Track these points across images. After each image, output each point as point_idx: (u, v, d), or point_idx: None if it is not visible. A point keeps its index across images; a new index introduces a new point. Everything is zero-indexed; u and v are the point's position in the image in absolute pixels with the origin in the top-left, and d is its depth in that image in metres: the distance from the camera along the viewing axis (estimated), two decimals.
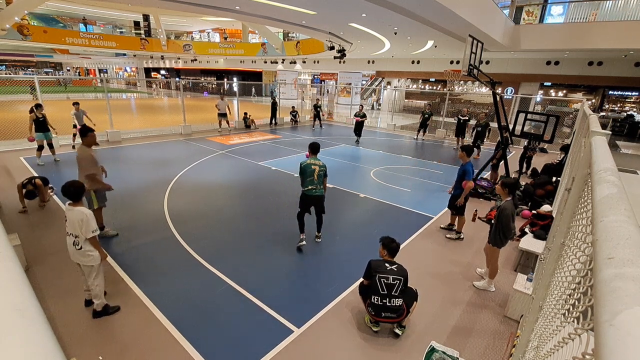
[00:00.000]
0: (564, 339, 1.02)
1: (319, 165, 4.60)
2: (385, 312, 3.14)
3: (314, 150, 4.75)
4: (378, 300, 3.13)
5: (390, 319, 3.18)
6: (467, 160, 5.14)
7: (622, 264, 0.56)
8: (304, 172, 4.58)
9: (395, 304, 3.12)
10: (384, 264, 3.22)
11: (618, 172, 1.11)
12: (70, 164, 8.73)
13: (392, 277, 3.13)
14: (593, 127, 2.38)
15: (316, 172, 4.56)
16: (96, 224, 3.18)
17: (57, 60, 47.44)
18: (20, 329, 0.50)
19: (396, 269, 3.20)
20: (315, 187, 4.58)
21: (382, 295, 3.12)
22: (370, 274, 3.21)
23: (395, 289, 3.12)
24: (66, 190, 3.14)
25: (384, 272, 3.15)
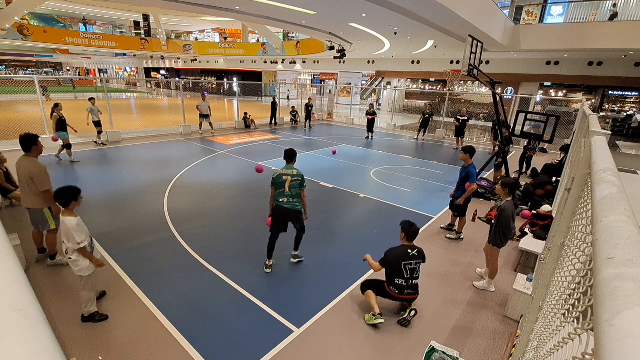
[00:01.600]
0: (564, 339, 1.02)
1: (292, 174, 3.99)
2: (407, 290, 3.48)
3: (288, 158, 4.14)
4: (402, 282, 3.45)
5: (411, 295, 3.51)
6: (470, 162, 5.12)
7: (622, 264, 0.56)
8: (274, 183, 4.03)
9: (415, 283, 3.50)
10: (407, 250, 3.43)
11: (618, 172, 1.11)
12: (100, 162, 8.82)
13: (414, 262, 3.43)
14: (593, 127, 2.38)
15: (288, 182, 3.97)
16: (82, 235, 2.99)
17: (57, 60, 47.41)
18: (20, 329, 0.50)
19: (417, 254, 3.47)
20: (287, 199, 4.01)
21: (405, 278, 3.44)
22: (389, 261, 3.46)
23: (417, 272, 3.47)
24: (57, 194, 3.03)
25: (408, 259, 3.41)
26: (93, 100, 10.09)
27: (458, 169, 9.61)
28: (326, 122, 19.88)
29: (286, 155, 4.17)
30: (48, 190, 3.89)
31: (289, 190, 3.99)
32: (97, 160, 9.00)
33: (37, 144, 3.90)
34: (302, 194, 4.11)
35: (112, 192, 6.76)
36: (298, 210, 4.11)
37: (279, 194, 4.04)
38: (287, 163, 4.16)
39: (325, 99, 22.18)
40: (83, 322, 3.25)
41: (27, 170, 3.79)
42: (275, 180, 4.03)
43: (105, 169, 8.30)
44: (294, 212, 4.09)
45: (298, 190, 4.05)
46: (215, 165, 9.04)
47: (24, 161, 3.85)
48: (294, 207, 4.06)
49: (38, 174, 3.81)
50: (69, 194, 3.03)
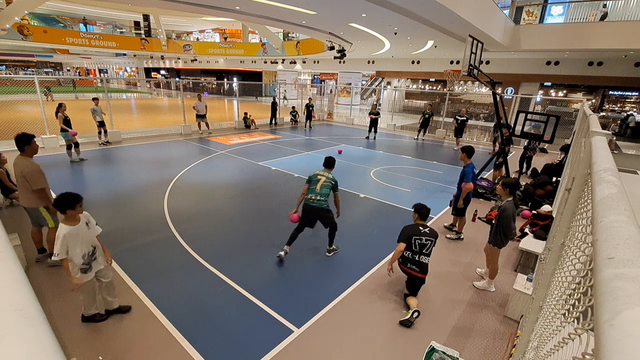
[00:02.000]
0: (564, 339, 1.02)
1: (327, 177, 4.42)
2: (411, 264, 3.62)
3: (327, 165, 4.64)
4: (409, 254, 3.63)
5: (414, 271, 3.62)
6: (469, 161, 5.12)
7: (622, 264, 0.56)
8: (309, 180, 4.49)
9: (423, 260, 3.61)
10: (418, 227, 3.68)
11: (618, 172, 1.11)
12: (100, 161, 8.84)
13: (425, 238, 3.61)
14: (593, 127, 2.38)
15: (321, 182, 4.36)
16: (59, 246, 2.82)
17: (57, 60, 47.43)
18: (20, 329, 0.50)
19: (429, 232, 3.66)
20: (316, 197, 4.32)
21: (414, 252, 3.62)
22: (406, 237, 3.64)
23: (427, 248, 3.60)
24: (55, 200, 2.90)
25: (418, 235, 3.62)
26: (96, 101, 10.19)
27: (458, 169, 9.62)
28: (326, 122, 19.87)
29: (326, 162, 4.67)
30: (42, 189, 3.88)
31: (319, 190, 4.34)
32: (97, 160, 9.00)
33: (31, 143, 3.88)
34: (336, 198, 4.51)
35: (112, 192, 6.77)
36: (324, 208, 4.37)
37: (310, 191, 4.39)
38: (325, 168, 4.62)
39: (325, 99, 22.17)
40: (83, 322, 3.24)
41: (20, 169, 3.82)
42: (311, 177, 4.48)
43: (105, 169, 8.30)
44: (319, 210, 4.35)
45: (328, 191, 4.39)
46: (215, 165, 9.04)
47: (18, 160, 3.86)
48: (320, 205, 4.33)
49: (30, 173, 3.80)
50: (65, 200, 2.85)
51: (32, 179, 3.81)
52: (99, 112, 10.16)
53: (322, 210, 4.37)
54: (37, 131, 9.77)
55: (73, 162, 8.62)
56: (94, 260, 3.10)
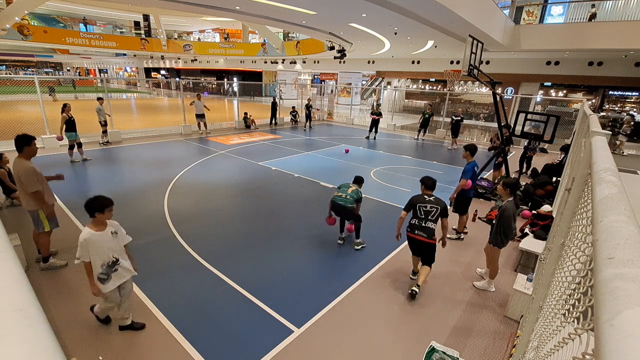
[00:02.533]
0: (564, 339, 1.02)
1: (356, 189, 4.89)
2: (418, 230, 3.81)
3: (357, 182, 5.10)
4: (416, 221, 3.86)
5: (422, 237, 3.80)
6: (471, 159, 5.14)
7: (622, 264, 0.56)
8: (339, 187, 5.00)
9: (429, 226, 3.79)
10: (423, 196, 3.93)
11: (618, 172, 1.11)
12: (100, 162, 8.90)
13: (429, 205, 3.83)
14: (593, 127, 2.38)
15: (350, 189, 4.86)
16: (80, 251, 2.73)
17: (57, 60, 47.43)
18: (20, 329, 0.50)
19: (433, 200, 3.87)
20: (343, 194, 4.79)
21: (419, 218, 3.83)
22: (410, 206, 3.92)
23: (432, 215, 3.79)
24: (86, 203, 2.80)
25: (422, 202, 3.86)
26: (101, 101, 10.31)
27: (458, 169, 9.63)
28: (326, 122, 19.88)
29: (356, 180, 5.14)
30: (37, 192, 3.80)
31: (348, 195, 4.80)
32: (97, 160, 9.00)
33: (31, 145, 3.80)
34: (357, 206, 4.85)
35: (112, 192, 6.76)
36: (349, 207, 4.77)
37: (340, 190, 4.88)
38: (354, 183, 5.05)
39: (325, 99, 22.17)
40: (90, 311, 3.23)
41: (16, 171, 3.75)
42: (342, 185, 5.04)
43: (105, 169, 8.30)
44: (343, 207, 4.78)
45: (354, 199, 4.78)
46: (215, 166, 9.04)
47: (16, 162, 3.79)
48: (345, 204, 4.74)
49: (24, 175, 3.72)
50: (95, 203, 2.78)
51: (26, 181, 3.74)
52: (103, 112, 10.30)
53: (348, 208, 4.78)
54: (37, 131, 9.80)
55: (73, 162, 8.62)
56: (115, 272, 2.91)
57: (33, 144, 3.85)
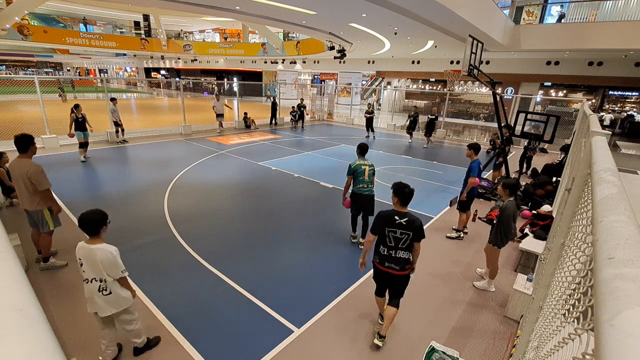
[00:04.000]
0: (564, 339, 1.02)
1: (369, 165, 4.69)
2: (389, 263, 3.08)
3: (362, 151, 4.82)
4: (385, 251, 3.09)
5: (393, 269, 3.07)
6: (475, 158, 5.18)
7: (622, 264, 0.56)
8: (355, 172, 4.65)
9: (401, 256, 3.04)
10: (394, 216, 3.01)
11: (618, 172, 1.11)
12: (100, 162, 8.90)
13: (399, 231, 3.00)
14: (593, 127, 2.38)
15: (366, 172, 4.65)
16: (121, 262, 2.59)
17: (57, 60, 47.43)
18: (20, 329, 0.50)
19: (405, 223, 2.97)
20: (366, 185, 4.66)
21: (389, 246, 3.06)
22: (378, 228, 3.08)
23: (403, 242, 3.01)
24: (85, 221, 2.51)
25: (392, 226, 3.01)
26: (115, 101, 10.60)
27: (458, 169, 9.63)
28: (326, 122, 19.88)
29: (360, 149, 4.82)
30: (47, 190, 3.82)
31: (367, 178, 4.62)
32: (97, 160, 9.00)
33: (33, 144, 3.81)
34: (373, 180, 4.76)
35: (112, 191, 6.77)
36: (373, 195, 4.75)
37: (359, 181, 4.64)
38: (360, 156, 4.79)
39: (325, 99, 22.17)
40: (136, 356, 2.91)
41: (24, 171, 3.69)
42: (355, 169, 4.64)
43: (105, 169, 8.30)
44: (371, 197, 4.73)
45: (373, 178, 4.70)
46: (215, 165, 9.04)
47: (19, 162, 3.73)
48: (371, 193, 4.70)
49: (36, 174, 3.70)
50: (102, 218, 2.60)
51: (37, 180, 3.72)
52: (117, 112, 10.64)
53: (372, 197, 4.74)
54: (37, 131, 9.81)
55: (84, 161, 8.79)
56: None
57: (34, 143, 3.86)
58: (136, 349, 2.90)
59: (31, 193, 3.80)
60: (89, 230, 2.54)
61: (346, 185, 4.78)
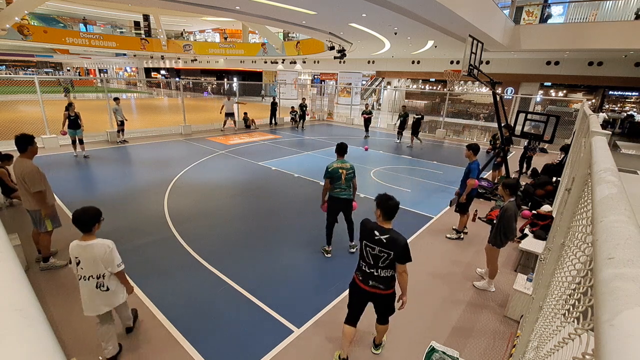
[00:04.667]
0: (564, 339, 1.02)
1: (346, 168, 4.39)
2: (373, 282, 2.71)
3: (341, 152, 4.49)
4: (366, 268, 2.73)
5: (378, 289, 2.71)
6: (474, 158, 5.16)
7: (622, 264, 0.56)
8: (330, 176, 4.37)
9: (382, 274, 2.67)
10: (374, 231, 2.64)
11: (618, 172, 1.11)
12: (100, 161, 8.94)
13: (378, 248, 2.62)
14: (593, 127, 2.38)
15: (343, 175, 4.36)
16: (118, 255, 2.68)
17: (57, 60, 47.41)
18: (20, 329, 0.50)
19: (386, 241, 2.58)
20: (343, 189, 4.43)
21: (368, 264, 2.71)
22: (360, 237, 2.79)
23: (383, 261, 2.62)
24: (78, 219, 2.57)
25: (371, 241, 2.65)
26: (118, 101, 10.70)
27: (458, 169, 9.63)
28: (326, 122, 19.88)
29: (339, 149, 4.50)
30: (40, 192, 3.79)
31: (344, 182, 4.39)
32: (97, 160, 8.99)
33: (33, 144, 3.80)
34: (354, 183, 4.54)
35: (112, 191, 6.77)
36: (351, 199, 4.55)
37: (336, 186, 4.40)
38: (339, 156, 4.50)
39: (325, 99, 22.16)
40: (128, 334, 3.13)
41: (20, 171, 3.72)
42: (332, 173, 4.35)
43: (105, 169, 8.30)
44: (348, 201, 4.52)
45: (351, 181, 4.46)
46: (215, 165, 9.04)
47: (19, 162, 3.76)
48: (349, 197, 4.49)
49: (29, 175, 3.70)
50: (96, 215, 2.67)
51: (30, 181, 3.72)
52: (120, 112, 10.72)
53: (350, 201, 4.54)
54: (37, 131, 9.80)
55: (76, 157, 9.07)
56: None
57: (35, 144, 3.85)
58: (128, 328, 3.16)
59: (29, 193, 3.81)
60: (83, 227, 2.61)
61: (324, 188, 4.49)
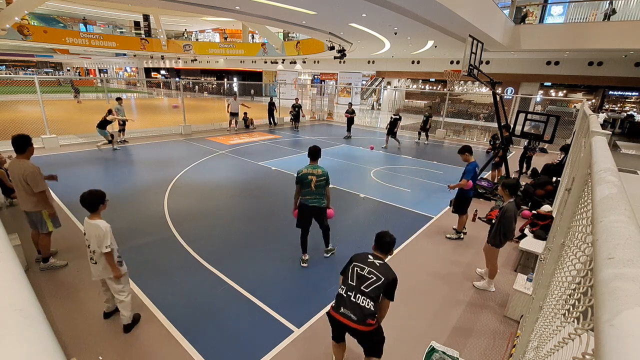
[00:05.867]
0: (564, 339, 1.02)
1: (317, 174, 4.03)
2: (344, 309, 2.37)
3: (313, 156, 4.16)
4: (343, 291, 2.44)
5: (349, 320, 2.33)
6: (471, 159, 5.16)
7: (622, 264, 0.56)
8: (300, 181, 4.09)
9: (360, 302, 2.34)
10: (367, 255, 2.61)
11: (618, 172, 1.11)
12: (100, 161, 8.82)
13: (368, 269, 2.47)
14: (593, 127, 2.38)
15: (313, 182, 4.00)
16: (113, 239, 2.95)
17: (57, 60, 47.40)
18: (20, 329, 0.50)
19: (378, 264, 2.50)
20: (313, 197, 4.11)
21: (349, 286, 2.43)
22: (346, 265, 2.65)
23: (368, 285, 2.39)
24: (85, 200, 2.92)
25: (362, 262, 2.53)
26: (120, 101, 10.73)
27: (458, 169, 9.63)
28: (326, 122, 19.88)
29: (310, 153, 4.18)
30: (43, 192, 3.81)
31: (315, 189, 4.06)
32: (97, 160, 9.00)
33: (31, 145, 3.79)
34: (327, 191, 4.20)
35: (112, 191, 6.76)
36: (323, 207, 4.20)
37: (305, 192, 4.11)
38: (311, 161, 4.18)
39: (325, 99, 22.15)
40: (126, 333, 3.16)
41: (21, 172, 3.69)
42: (301, 179, 4.07)
43: (105, 169, 8.31)
44: (319, 210, 4.18)
45: (323, 189, 4.13)
46: (215, 166, 9.04)
47: (17, 163, 3.72)
48: (319, 205, 4.16)
49: (31, 175, 3.69)
50: (97, 197, 2.98)
51: (33, 182, 3.71)
52: (122, 112, 10.72)
53: (322, 209, 4.22)
54: (37, 131, 9.81)
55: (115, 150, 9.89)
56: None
57: (32, 144, 3.84)
58: (125, 326, 3.16)
59: (29, 194, 3.79)
60: (89, 207, 2.96)
61: (295, 194, 4.23)
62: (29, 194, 3.80)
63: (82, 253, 4.24)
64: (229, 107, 14.23)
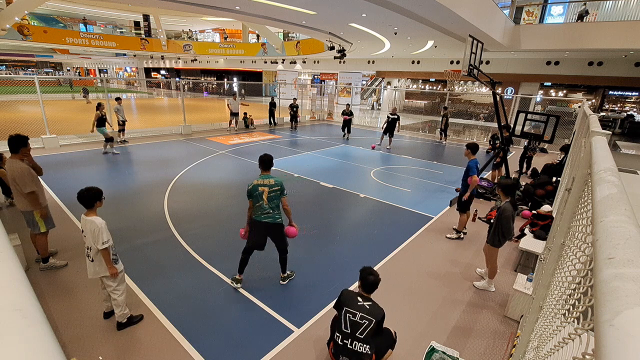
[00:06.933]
0: (564, 339, 1.02)
1: (269, 184, 3.58)
2: (343, 356, 2.50)
3: (263, 165, 3.68)
4: (339, 339, 2.54)
5: None
6: (473, 157, 5.20)
7: (622, 264, 0.56)
8: (250, 195, 3.61)
9: (357, 348, 2.47)
10: (356, 297, 2.64)
11: (618, 172, 1.11)
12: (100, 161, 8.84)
13: (360, 314, 2.53)
14: (593, 127, 2.38)
15: (265, 194, 3.55)
16: (108, 235, 2.96)
17: (57, 60, 47.39)
18: (20, 329, 0.50)
19: (368, 307, 2.56)
20: (265, 212, 3.62)
21: (344, 333, 2.52)
22: (338, 303, 2.69)
23: (361, 331, 2.49)
24: (81, 196, 2.94)
25: (353, 307, 2.56)
26: (119, 101, 10.72)
27: (458, 169, 9.63)
28: (326, 122, 19.88)
29: (261, 162, 3.68)
30: (32, 192, 3.78)
31: (267, 203, 3.59)
32: (97, 160, 9.00)
33: (27, 145, 3.77)
34: (284, 203, 3.69)
35: (112, 191, 6.76)
36: (278, 223, 3.68)
37: (257, 208, 3.62)
38: (262, 171, 3.70)
39: (325, 99, 22.15)
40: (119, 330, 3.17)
41: (11, 172, 3.70)
42: (251, 192, 3.59)
43: (105, 169, 8.30)
44: (273, 226, 3.67)
45: (278, 201, 3.65)
46: (215, 166, 9.04)
47: (10, 163, 3.73)
48: (274, 221, 3.65)
49: (20, 176, 3.68)
50: (94, 194, 3.00)
51: (21, 182, 3.69)
52: (122, 112, 10.75)
53: (276, 225, 3.69)
54: (37, 131, 9.81)
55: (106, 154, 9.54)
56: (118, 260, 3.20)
57: (28, 145, 3.83)
58: (118, 323, 3.18)
59: (21, 194, 3.80)
60: (86, 204, 2.97)
61: (248, 209, 3.73)
62: (20, 194, 3.80)
63: (81, 253, 4.23)
64: (229, 106, 14.33)
